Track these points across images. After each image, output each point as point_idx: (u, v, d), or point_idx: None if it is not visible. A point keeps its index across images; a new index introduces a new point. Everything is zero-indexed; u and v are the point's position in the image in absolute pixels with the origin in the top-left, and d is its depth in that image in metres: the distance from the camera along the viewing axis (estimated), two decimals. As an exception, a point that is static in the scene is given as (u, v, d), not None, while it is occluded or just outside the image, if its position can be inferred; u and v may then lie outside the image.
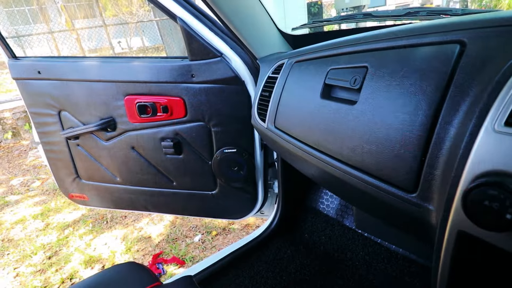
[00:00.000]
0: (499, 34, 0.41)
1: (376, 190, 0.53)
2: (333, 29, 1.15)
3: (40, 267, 1.91)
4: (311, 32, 1.13)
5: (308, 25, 0.98)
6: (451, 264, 0.36)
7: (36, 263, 1.95)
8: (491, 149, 0.32)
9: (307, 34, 1.07)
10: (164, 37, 5.83)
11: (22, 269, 1.92)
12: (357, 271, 1.12)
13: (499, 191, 0.28)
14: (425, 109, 0.45)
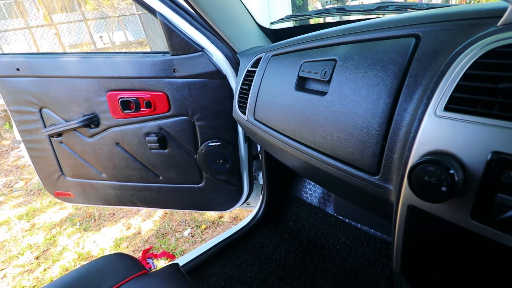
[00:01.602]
0: (448, 28, 0.45)
1: (346, 175, 0.57)
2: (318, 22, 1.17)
3: (28, 267, 1.90)
4: (294, 25, 1.15)
5: (285, 20, 1.01)
6: (404, 236, 0.41)
7: (24, 263, 1.93)
8: (432, 131, 0.36)
9: (286, 28, 1.10)
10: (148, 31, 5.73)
11: (9, 270, 1.90)
12: (338, 254, 1.18)
13: (436, 167, 0.33)
14: (385, 98, 0.49)
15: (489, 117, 0.33)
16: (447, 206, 0.35)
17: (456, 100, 0.36)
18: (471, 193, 0.33)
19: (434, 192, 0.33)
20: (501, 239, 0.31)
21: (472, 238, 0.34)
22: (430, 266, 0.41)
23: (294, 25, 1.20)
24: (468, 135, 0.33)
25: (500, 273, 0.34)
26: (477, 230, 0.33)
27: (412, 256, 0.42)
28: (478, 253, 0.35)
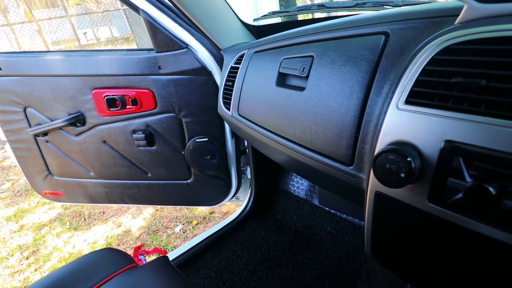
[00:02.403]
0: (414, 26, 0.48)
1: (324, 166, 0.60)
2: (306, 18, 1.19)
3: (18, 268, 1.88)
4: (278, 21, 1.17)
5: (268, 16, 1.03)
6: (373, 220, 0.44)
7: (14, 264, 1.92)
8: (394, 123, 0.39)
9: (270, 24, 1.12)
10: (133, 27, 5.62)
11: (-2, 271, 1.88)
12: (324, 244, 1.22)
13: (396, 155, 0.36)
14: (358, 93, 0.52)
15: (445, 110, 0.36)
16: (408, 191, 0.38)
17: (416, 94, 0.39)
18: (428, 178, 0.36)
19: (394, 178, 0.36)
20: (453, 218, 0.35)
21: (430, 220, 0.37)
22: (397, 247, 0.44)
23: (283, 20, 1.21)
24: (425, 126, 0.37)
25: (456, 250, 0.38)
26: (433, 212, 0.37)
27: (381, 239, 0.46)
28: (436, 233, 0.38)
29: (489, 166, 0.31)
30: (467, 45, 0.36)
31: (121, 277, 0.70)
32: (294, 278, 1.12)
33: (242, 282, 1.13)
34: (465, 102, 0.35)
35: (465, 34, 0.36)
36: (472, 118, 0.34)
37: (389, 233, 0.43)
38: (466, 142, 0.33)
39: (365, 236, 0.47)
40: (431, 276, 0.43)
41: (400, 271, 0.46)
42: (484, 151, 0.32)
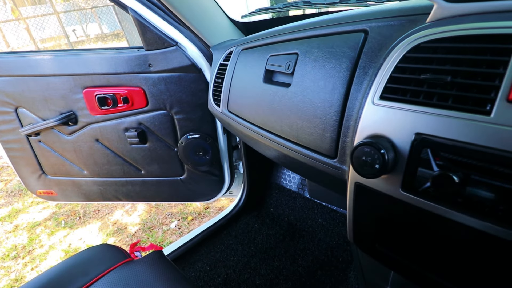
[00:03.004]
0: (391, 24, 0.50)
1: (310, 159, 0.63)
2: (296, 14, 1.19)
3: (14, 268, 1.89)
4: (267, 18, 1.18)
5: (255, 13, 1.04)
6: (353, 209, 0.47)
7: (10, 264, 1.93)
8: (370, 118, 0.42)
9: (258, 20, 1.13)
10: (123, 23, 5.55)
11: (-6, 271, 1.88)
12: (316, 235, 1.26)
13: (371, 148, 0.38)
14: (340, 89, 0.54)
15: (416, 104, 0.39)
16: (383, 181, 0.41)
17: (390, 90, 0.41)
18: (401, 169, 0.39)
19: (370, 169, 0.38)
20: (424, 206, 0.38)
21: (404, 207, 0.40)
22: (377, 234, 0.47)
23: (273, 16, 1.23)
24: (398, 120, 0.39)
25: (430, 235, 0.41)
26: (407, 200, 0.39)
27: (362, 227, 0.49)
28: (411, 219, 0.41)
29: (454, 156, 0.34)
30: (435, 43, 0.38)
31: (117, 271, 0.72)
32: (287, 269, 1.15)
33: (236, 274, 1.16)
34: (434, 97, 0.38)
35: (434, 33, 0.39)
36: (440, 112, 0.36)
37: (369, 221, 0.46)
38: (433, 134, 0.36)
39: (347, 224, 0.50)
40: (411, 262, 0.46)
41: (382, 258, 0.49)
42: (449, 142, 0.34)
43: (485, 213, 0.33)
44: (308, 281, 1.10)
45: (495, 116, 0.32)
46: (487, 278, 0.38)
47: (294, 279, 1.11)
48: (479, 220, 0.34)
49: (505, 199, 0.32)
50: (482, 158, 0.32)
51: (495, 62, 0.33)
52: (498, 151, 0.31)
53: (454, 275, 0.41)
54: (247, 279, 1.14)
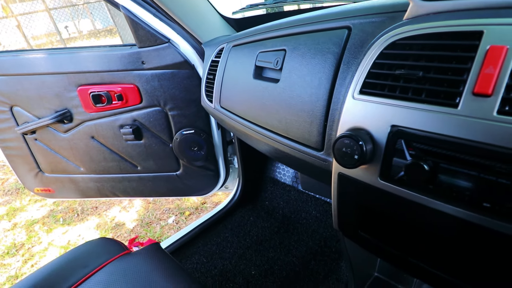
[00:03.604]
0: (372, 21, 0.52)
1: (299, 152, 0.65)
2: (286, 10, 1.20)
3: (14, 265, 1.91)
4: (263, 13, 1.19)
5: (246, 9, 1.05)
6: (337, 198, 0.50)
7: (10, 262, 1.94)
8: (351, 111, 0.44)
9: (250, 16, 1.15)
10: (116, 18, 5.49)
11: (-6, 269, 1.90)
12: (310, 227, 1.29)
13: (350, 140, 0.41)
14: (325, 84, 0.57)
15: (393, 98, 0.41)
16: (363, 170, 0.44)
17: (369, 85, 0.44)
18: (379, 159, 0.41)
19: (349, 160, 0.41)
20: (400, 193, 0.41)
21: (383, 195, 0.43)
22: (359, 221, 0.50)
23: (267, 11, 1.23)
24: (375, 113, 0.42)
25: (407, 221, 0.44)
26: (384, 188, 0.42)
27: (345, 215, 0.51)
28: (389, 206, 0.44)
29: (425, 146, 0.37)
30: (410, 40, 0.41)
31: (116, 263, 0.74)
32: (282, 259, 1.19)
33: (232, 266, 1.20)
34: (409, 92, 0.40)
35: (408, 30, 0.41)
36: (414, 105, 0.39)
37: (352, 209, 0.49)
38: (407, 126, 0.38)
39: (332, 213, 0.53)
40: (391, 246, 0.49)
41: (364, 243, 0.52)
42: (421, 133, 0.37)
43: (454, 198, 0.36)
44: (302, 271, 1.14)
45: (462, 108, 0.35)
46: (460, 259, 0.41)
47: (289, 269, 1.15)
48: (449, 205, 0.37)
49: (471, 185, 0.34)
50: (450, 148, 0.35)
51: (463, 58, 0.36)
52: (463, 141, 0.34)
53: (430, 258, 0.44)
54: (243, 270, 1.17)
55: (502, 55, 0.32)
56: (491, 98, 0.33)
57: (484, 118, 0.33)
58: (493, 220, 0.34)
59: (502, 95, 0.32)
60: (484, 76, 0.33)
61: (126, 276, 0.70)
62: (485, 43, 0.34)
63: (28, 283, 0.67)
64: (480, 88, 0.33)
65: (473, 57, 0.35)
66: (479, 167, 0.33)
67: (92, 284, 0.69)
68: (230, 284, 1.13)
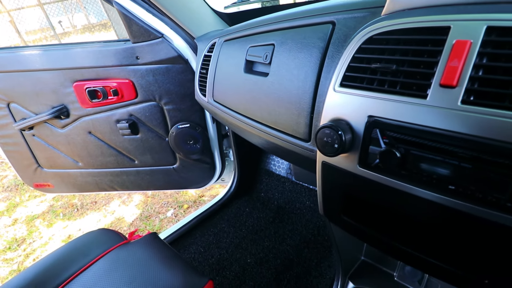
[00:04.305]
0: (355, 16, 0.55)
1: (288, 143, 0.68)
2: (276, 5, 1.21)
3: (16, 260, 1.95)
4: (257, 7, 1.20)
5: (237, 4, 1.07)
6: (322, 185, 0.53)
7: (12, 256, 1.98)
8: (332, 103, 0.47)
9: (242, 11, 1.16)
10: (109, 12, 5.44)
11: (-3, 263, 1.94)
12: (304, 216, 1.33)
13: (330, 130, 0.43)
14: (311, 77, 0.59)
15: (371, 91, 0.44)
16: (344, 159, 0.47)
17: (349, 78, 0.46)
18: (357, 147, 0.44)
19: (330, 148, 0.44)
20: (376, 178, 0.44)
21: (362, 181, 0.46)
22: (342, 207, 0.53)
23: (263, 5, 1.24)
24: (354, 105, 0.44)
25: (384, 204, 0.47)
26: (363, 174, 0.45)
27: (329, 201, 0.55)
28: (368, 191, 0.47)
29: (397, 134, 0.40)
30: (386, 35, 0.43)
31: (115, 252, 0.78)
32: (276, 248, 1.23)
33: (228, 254, 1.24)
34: (385, 84, 0.43)
35: (385, 25, 0.43)
36: (389, 97, 0.42)
37: (335, 195, 0.52)
38: (381, 116, 0.41)
39: (318, 199, 0.56)
40: (371, 229, 0.52)
41: (347, 227, 0.55)
42: (394, 122, 0.40)
43: (424, 182, 0.39)
44: (296, 258, 1.18)
45: (430, 99, 0.37)
46: (433, 239, 0.44)
47: (283, 257, 1.19)
48: (419, 189, 0.40)
49: (438, 169, 0.37)
50: (419, 136, 0.38)
51: (433, 52, 0.39)
52: (431, 129, 0.37)
53: (407, 239, 0.48)
54: (239, 258, 1.21)
55: (466, 48, 0.35)
56: (456, 89, 0.36)
57: (450, 108, 0.36)
58: (458, 202, 0.37)
59: (466, 86, 0.35)
60: (449, 68, 0.36)
61: (126, 263, 0.74)
62: (452, 38, 0.36)
63: (33, 271, 0.70)
64: (446, 80, 0.36)
65: (441, 51, 0.37)
66: (444, 153, 0.36)
67: (94, 271, 0.72)
68: (227, 272, 1.17)
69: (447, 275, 0.45)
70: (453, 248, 0.42)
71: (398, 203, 0.44)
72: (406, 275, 0.75)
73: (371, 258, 0.80)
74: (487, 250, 0.38)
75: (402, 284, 0.76)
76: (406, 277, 0.75)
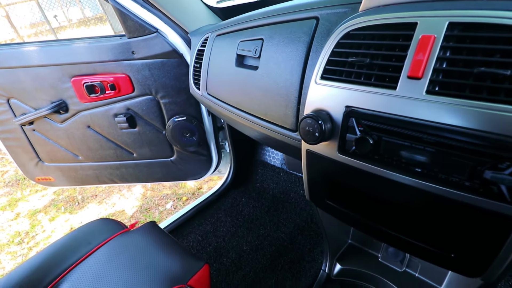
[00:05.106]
0: (337, 12, 0.58)
1: (278, 134, 0.72)
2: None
3: (20, 253, 2.00)
4: (250, 1, 1.22)
5: (230, -2, 1.09)
6: (307, 171, 0.57)
7: (16, 250, 2.03)
8: (314, 95, 0.50)
9: (235, 5, 1.18)
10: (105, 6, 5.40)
11: (2, 257, 1.99)
12: (298, 205, 1.38)
13: (311, 120, 0.47)
14: (297, 70, 0.62)
15: (348, 83, 0.47)
16: (325, 146, 0.50)
17: (329, 71, 0.50)
18: (337, 135, 0.48)
19: (312, 137, 0.48)
20: (353, 164, 0.47)
21: (341, 166, 0.50)
22: (325, 191, 0.57)
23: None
24: (333, 96, 0.48)
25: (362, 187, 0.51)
26: (342, 160, 0.49)
27: (314, 186, 0.59)
28: (347, 176, 0.51)
29: (370, 122, 0.43)
30: (362, 31, 0.46)
31: (116, 240, 0.82)
32: (271, 235, 1.28)
33: (225, 242, 1.29)
34: (362, 77, 0.46)
35: (361, 21, 0.47)
36: (365, 88, 0.45)
37: (319, 181, 0.56)
38: (357, 106, 0.45)
39: (304, 186, 0.60)
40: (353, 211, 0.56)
41: (331, 211, 0.59)
42: (367, 111, 0.44)
43: (394, 165, 0.43)
44: (290, 245, 1.23)
45: (399, 90, 0.41)
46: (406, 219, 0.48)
47: (278, 244, 1.24)
48: (390, 172, 0.44)
49: (406, 153, 0.41)
50: (389, 123, 0.42)
51: (403, 46, 0.42)
52: (399, 117, 0.41)
53: (385, 220, 0.52)
54: (236, 246, 1.26)
55: (430, 43, 0.39)
56: (421, 80, 0.39)
57: (416, 98, 0.39)
58: (424, 183, 0.41)
59: (430, 78, 0.39)
60: (415, 61, 0.39)
61: (127, 249, 0.78)
62: (418, 33, 0.40)
63: (39, 258, 0.75)
64: (412, 72, 0.39)
65: (409, 45, 0.41)
66: (411, 139, 0.40)
67: (97, 257, 0.77)
68: (224, 258, 1.22)
69: (423, 253, 0.49)
70: (424, 227, 0.47)
71: (374, 186, 0.48)
72: (389, 256, 0.80)
73: (358, 241, 0.85)
74: (451, 227, 0.42)
75: (386, 264, 0.81)
76: (389, 257, 0.80)
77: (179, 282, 0.68)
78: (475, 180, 0.37)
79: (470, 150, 0.36)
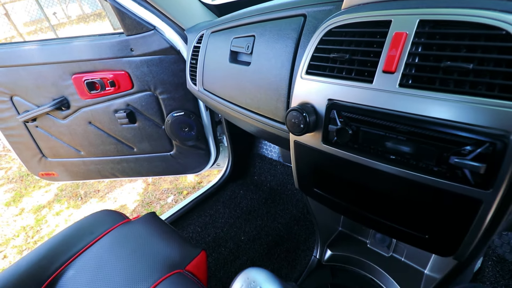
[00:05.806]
0: (323, 9, 0.61)
1: (270, 126, 0.75)
2: None
3: (25, 247, 2.06)
4: None
5: (224, -5, 1.11)
6: (295, 161, 0.60)
7: (21, 244, 2.09)
8: (299, 89, 0.54)
9: (228, 2, 1.21)
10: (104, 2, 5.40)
11: (8, 250, 2.05)
12: (294, 197, 1.42)
13: (297, 112, 0.50)
14: (287, 66, 0.65)
15: (331, 78, 0.51)
16: (310, 137, 0.54)
17: (313, 66, 0.53)
18: (321, 127, 0.52)
19: (297, 128, 0.51)
20: (336, 153, 0.51)
21: (325, 156, 0.53)
22: (313, 180, 0.61)
23: None
24: (317, 90, 0.51)
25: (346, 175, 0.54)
26: (326, 150, 0.52)
27: (302, 176, 0.62)
28: (331, 165, 0.54)
29: (349, 114, 0.47)
30: (343, 28, 0.49)
31: (118, 230, 0.86)
32: (268, 226, 1.32)
33: (224, 233, 1.33)
34: (344, 72, 0.50)
35: (342, 19, 0.50)
36: (345, 82, 0.48)
37: (307, 170, 0.60)
38: (338, 99, 0.48)
39: (293, 175, 0.64)
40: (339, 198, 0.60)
41: (320, 199, 0.63)
42: (347, 104, 0.47)
43: (372, 153, 0.46)
44: (286, 235, 1.28)
45: (375, 83, 0.44)
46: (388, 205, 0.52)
47: (274, 234, 1.29)
48: (368, 159, 0.47)
49: (382, 142, 0.45)
50: (366, 114, 0.45)
51: (379, 42, 0.45)
52: (375, 108, 0.44)
53: (368, 205, 0.55)
54: (234, 236, 1.31)
55: (402, 39, 0.42)
56: (395, 74, 0.42)
57: (389, 91, 0.43)
58: (398, 169, 0.44)
59: (402, 72, 0.42)
60: (389, 57, 0.42)
61: (128, 239, 0.82)
62: (392, 30, 0.43)
63: (44, 248, 0.79)
64: (386, 67, 0.43)
65: (384, 42, 0.44)
66: (386, 128, 0.43)
67: (99, 246, 0.81)
68: (222, 248, 1.27)
69: (402, 235, 0.53)
70: (401, 211, 0.50)
71: (356, 173, 0.51)
72: (376, 242, 0.84)
73: (348, 228, 0.88)
74: (424, 210, 0.46)
75: (374, 250, 0.85)
76: (377, 243, 0.84)
77: (177, 267, 0.72)
78: (443, 166, 0.40)
79: (438, 138, 0.39)
